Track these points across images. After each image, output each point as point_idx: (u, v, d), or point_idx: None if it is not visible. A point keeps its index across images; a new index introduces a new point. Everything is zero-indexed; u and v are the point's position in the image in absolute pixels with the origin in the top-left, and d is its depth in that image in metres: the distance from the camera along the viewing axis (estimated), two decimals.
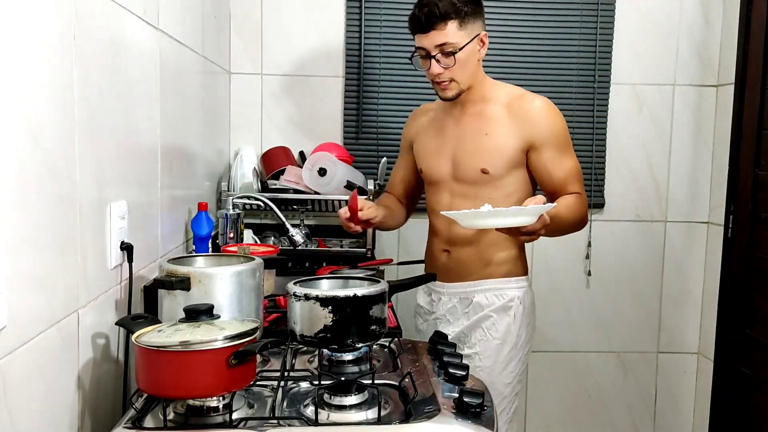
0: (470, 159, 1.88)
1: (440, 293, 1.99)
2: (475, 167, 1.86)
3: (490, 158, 1.85)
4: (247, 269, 1.38)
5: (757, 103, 2.49)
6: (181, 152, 1.94)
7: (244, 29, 2.67)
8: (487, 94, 1.89)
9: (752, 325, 2.52)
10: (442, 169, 1.94)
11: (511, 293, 1.90)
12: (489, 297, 1.91)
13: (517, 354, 1.90)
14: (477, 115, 1.89)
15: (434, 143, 1.96)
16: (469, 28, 1.80)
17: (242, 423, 1.12)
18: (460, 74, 1.82)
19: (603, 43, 2.78)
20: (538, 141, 1.83)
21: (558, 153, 1.85)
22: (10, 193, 0.95)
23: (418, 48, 1.84)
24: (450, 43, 1.78)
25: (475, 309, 1.91)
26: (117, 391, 1.40)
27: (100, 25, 1.28)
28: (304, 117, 2.73)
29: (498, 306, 1.89)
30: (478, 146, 1.86)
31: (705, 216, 2.89)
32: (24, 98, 0.98)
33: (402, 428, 1.14)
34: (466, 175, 1.89)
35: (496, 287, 1.91)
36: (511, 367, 1.89)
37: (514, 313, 1.89)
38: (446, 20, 1.77)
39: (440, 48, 1.79)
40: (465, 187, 1.90)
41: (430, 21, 1.77)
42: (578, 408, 2.96)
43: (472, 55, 1.83)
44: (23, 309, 0.99)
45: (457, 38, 1.78)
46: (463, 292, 1.94)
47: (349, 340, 1.33)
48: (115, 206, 1.35)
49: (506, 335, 1.88)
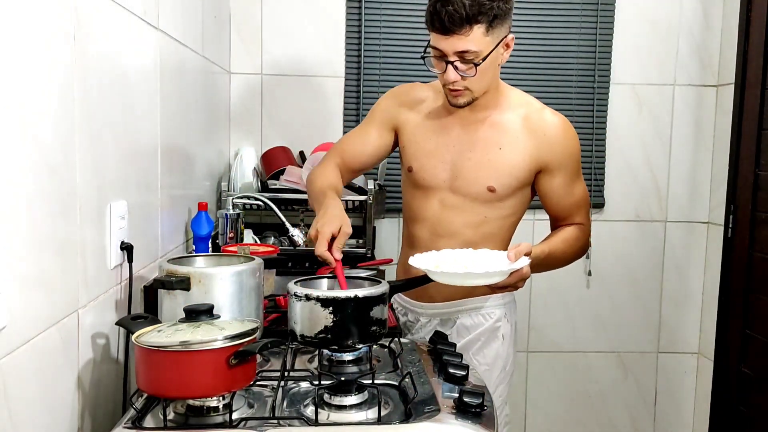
0: (477, 172, 1.67)
1: (418, 314, 1.82)
2: (481, 183, 1.67)
3: (501, 176, 1.66)
4: (247, 269, 1.38)
5: (757, 103, 2.49)
6: (181, 152, 1.94)
7: (244, 29, 2.67)
8: (501, 101, 1.69)
9: (752, 325, 2.52)
10: (438, 174, 1.72)
11: (498, 312, 1.76)
12: (474, 317, 1.76)
13: (505, 377, 1.78)
14: (491, 125, 1.68)
15: (432, 142, 1.73)
16: (496, 32, 1.55)
17: (242, 423, 1.12)
18: (477, 84, 1.59)
19: (603, 43, 2.78)
20: (553, 164, 1.66)
21: (570, 179, 1.69)
22: (9, 193, 0.95)
23: (433, 47, 1.57)
24: (472, 51, 1.53)
25: (459, 332, 1.75)
26: (117, 391, 1.40)
27: (100, 25, 1.28)
28: (304, 117, 2.73)
29: (485, 328, 1.75)
30: (489, 160, 1.67)
31: (705, 216, 2.89)
32: (24, 98, 0.98)
33: (402, 428, 1.14)
34: (468, 189, 1.69)
35: (481, 305, 1.76)
36: (499, 391, 1.74)
37: (503, 334, 1.76)
38: (472, 24, 1.50)
39: (460, 55, 1.54)
40: (461, 201, 1.71)
41: (454, 23, 1.50)
42: (578, 408, 2.96)
43: (493, 63, 1.59)
44: (23, 309, 0.99)
45: (481, 45, 1.53)
46: (445, 313, 1.78)
47: (350, 340, 1.32)
48: (115, 206, 1.35)
49: (495, 360, 1.75)
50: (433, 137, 1.74)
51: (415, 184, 1.77)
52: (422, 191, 1.76)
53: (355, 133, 1.86)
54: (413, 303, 1.84)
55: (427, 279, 1.54)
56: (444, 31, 1.52)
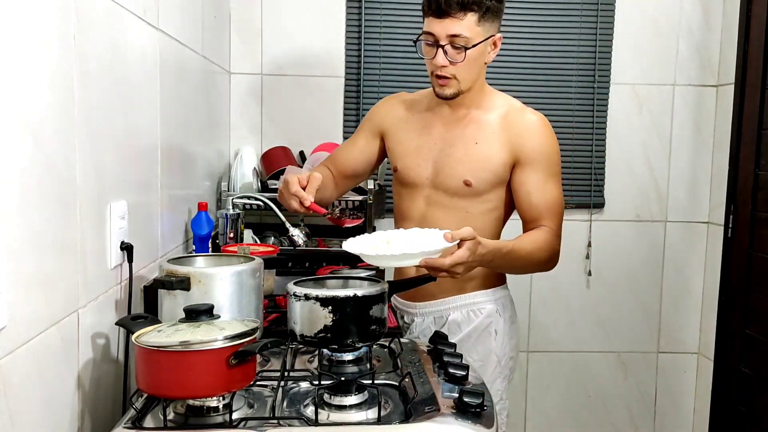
0: (454, 167, 1.73)
1: (412, 314, 1.85)
2: (458, 177, 1.72)
3: (476, 170, 1.71)
4: (247, 269, 1.38)
5: (757, 103, 2.49)
6: (181, 152, 1.94)
7: (244, 29, 2.67)
8: (484, 102, 1.75)
9: (752, 325, 2.52)
10: (421, 172, 1.77)
11: (489, 307, 1.78)
12: (465, 313, 1.78)
13: (501, 372, 1.79)
14: (469, 122, 1.74)
15: (415, 142, 1.79)
16: (487, 26, 1.64)
17: (242, 423, 1.12)
18: (464, 73, 1.66)
19: (603, 43, 2.78)
20: (525, 157, 1.69)
21: (543, 177, 1.70)
22: (10, 194, 0.95)
23: (426, 33, 1.66)
24: (464, 37, 1.61)
25: (451, 329, 1.76)
26: (117, 391, 1.40)
27: (100, 25, 1.28)
28: (304, 117, 2.73)
29: (476, 325, 1.77)
30: (466, 155, 1.72)
31: (705, 216, 2.89)
32: (24, 98, 0.98)
33: (402, 428, 1.14)
34: (447, 184, 1.74)
35: (472, 302, 1.78)
36: (496, 386, 1.75)
37: (495, 329, 1.77)
38: (466, 10, 1.60)
39: (452, 39, 1.62)
40: (443, 197, 1.75)
41: (450, 6, 1.59)
42: (578, 408, 2.96)
43: (481, 56, 1.67)
44: (23, 309, 0.99)
45: (472, 33, 1.62)
46: (437, 311, 1.80)
47: (349, 340, 1.32)
48: (115, 206, 1.35)
49: (487, 356, 1.76)
50: (416, 137, 1.81)
51: (401, 183, 1.84)
52: (408, 190, 1.82)
53: (346, 142, 1.98)
54: (407, 303, 1.86)
55: (427, 279, 1.54)
56: (439, 13, 1.61)
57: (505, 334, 1.80)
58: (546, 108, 2.39)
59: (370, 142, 1.90)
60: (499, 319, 1.79)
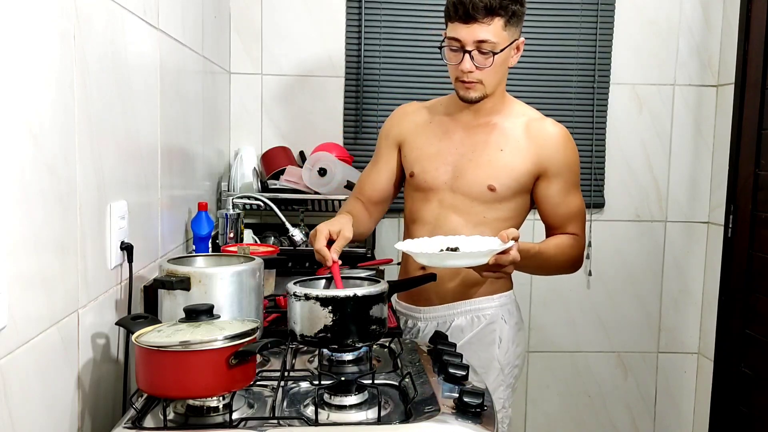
0: (478, 173, 1.72)
1: (416, 318, 1.83)
2: (482, 182, 1.71)
3: (500, 176, 1.70)
4: (247, 269, 1.38)
5: (757, 103, 2.49)
6: (181, 152, 1.94)
7: (244, 29, 2.68)
8: (504, 108, 1.76)
9: (752, 325, 2.52)
10: (439, 175, 1.76)
11: (493, 313, 1.77)
12: (469, 319, 1.77)
13: (504, 380, 1.76)
14: (493, 128, 1.74)
15: (435, 147, 1.78)
16: (512, 31, 1.64)
17: (242, 423, 1.12)
18: (490, 78, 1.66)
19: (603, 43, 2.78)
20: (551, 170, 1.71)
21: (567, 187, 1.74)
22: (10, 193, 0.95)
23: (451, 38, 1.64)
24: (491, 42, 1.61)
25: (454, 334, 1.74)
26: (117, 391, 1.40)
27: (100, 25, 1.28)
28: (304, 117, 2.73)
29: (479, 330, 1.76)
30: (490, 161, 1.72)
31: (705, 216, 2.89)
32: (24, 98, 0.98)
33: (402, 428, 1.14)
34: (469, 189, 1.73)
35: (477, 307, 1.77)
36: (498, 394, 1.73)
37: (498, 336, 1.76)
38: (494, 15, 1.59)
39: (478, 44, 1.61)
40: (461, 200, 1.74)
41: (477, 11, 1.58)
42: (578, 408, 2.96)
43: (506, 61, 1.67)
44: (23, 309, 0.99)
45: (499, 38, 1.61)
46: (441, 316, 1.79)
47: (349, 340, 1.32)
48: (115, 206, 1.35)
49: (490, 363, 1.74)
50: (435, 142, 1.79)
51: (416, 188, 1.81)
52: (422, 193, 1.80)
53: (368, 168, 1.94)
54: (411, 308, 1.85)
55: (427, 278, 1.55)
56: (467, 18, 1.60)
57: (510, 341, 1.78)
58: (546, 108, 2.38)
59: (391, 158, 1.87)
60: (504, 326, 1.78)
